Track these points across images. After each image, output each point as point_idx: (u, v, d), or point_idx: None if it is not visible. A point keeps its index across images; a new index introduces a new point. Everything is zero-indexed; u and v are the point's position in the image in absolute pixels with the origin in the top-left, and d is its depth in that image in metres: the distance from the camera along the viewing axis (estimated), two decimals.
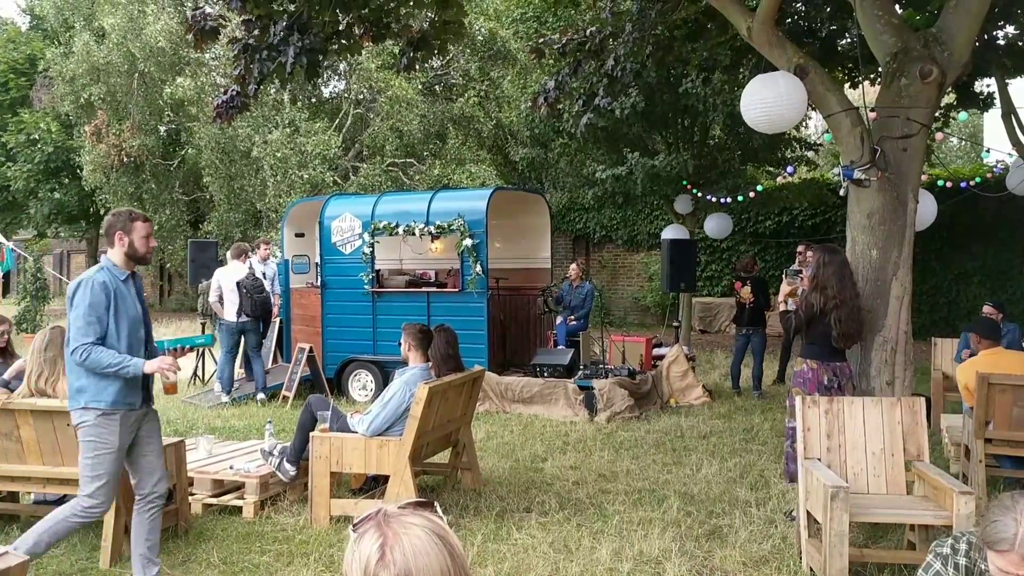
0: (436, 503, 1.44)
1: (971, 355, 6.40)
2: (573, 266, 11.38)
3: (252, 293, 9.46)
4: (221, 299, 9.65)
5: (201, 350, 11.27)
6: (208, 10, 6.62)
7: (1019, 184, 9.66)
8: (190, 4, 19.80)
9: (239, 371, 10.25)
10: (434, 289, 10.09)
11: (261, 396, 9.34)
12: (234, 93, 6.72)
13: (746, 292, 9.76)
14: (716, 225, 12.95)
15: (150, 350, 4.31)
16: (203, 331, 11.53)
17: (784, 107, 5.67)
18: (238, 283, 9.46)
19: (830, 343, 5.34)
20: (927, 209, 6.63)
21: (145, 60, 19.35)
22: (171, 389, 4.28)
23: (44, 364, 4.79)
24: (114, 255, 4.18)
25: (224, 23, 6.68)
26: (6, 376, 5.55)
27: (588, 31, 8.75)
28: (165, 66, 19.47)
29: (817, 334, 5.37)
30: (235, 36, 6.73)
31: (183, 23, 18.95)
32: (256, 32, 6.53)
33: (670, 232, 12.80)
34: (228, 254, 10.26)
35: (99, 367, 3.99)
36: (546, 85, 9.14)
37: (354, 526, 1.39)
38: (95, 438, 4.06)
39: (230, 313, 9.58)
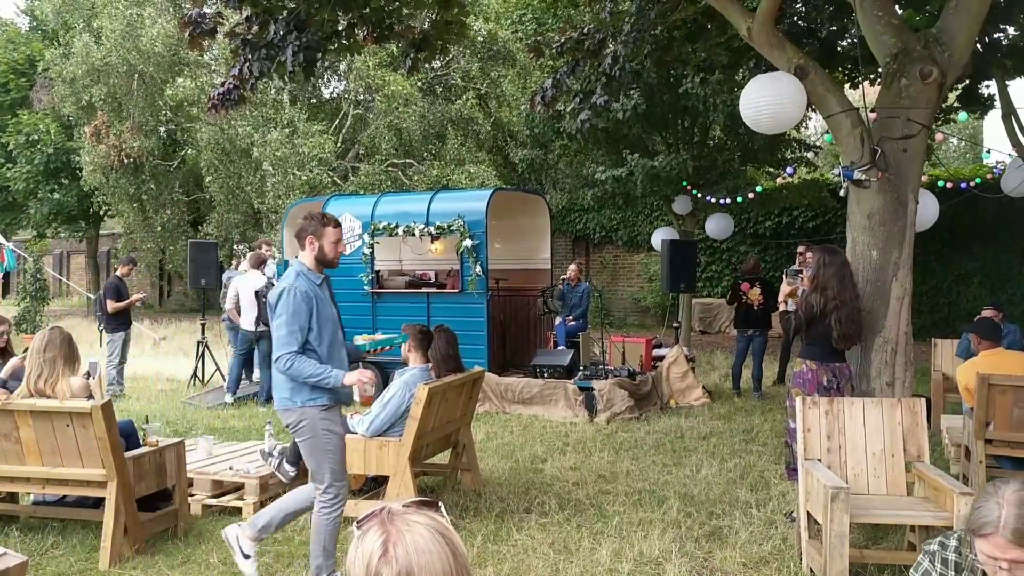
0: (440, 502, 1.44)
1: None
2: (572, 266, 11.39)
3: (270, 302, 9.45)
4: (238, 307, 9.68)
5: (201, 350, 11.26)
6: (205, 10, 6.61)
7: (1016, 187, 9.66)
8: (188, 4, 19.79)
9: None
10: (434, 290, 10.09)
11: (262, 410, 9.32)
12: (231, 86, 6.71)
13: (755, 294, 9.76)
14: (717, 226, 12.95)
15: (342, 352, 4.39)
16: (203, 331, 11.51)
17: (784, 107, 5.68)
18: (257, 292, 9.46)
19: (830, 344, 5.34)
20: (929, 210, 6.63)
21: (144, 63, 19.35)
22: (368, 401, 4.38)
23: (44, 364, 4.78)
24: (305, 259, 4.25)
25: (221, 21, 6.66)
26: (1, 375, 5.54)
27: (586, 29, 8.75)
28: (164, 67, 19.46)
29: (817, 335, 5.37)
30: (234, 31, 6.70)
31: (180, 25, 19.00)
32: (255, 29, 6.52)
33: (661, 234, 12.80)
34: (245, 262, 10.25)
35: (301, 377, 4.07)
36: (544, 85, 9.14)
37: (358, 523, 1.39)
38: (320, 431, 4.15)
39: (247, 322, 9.59)
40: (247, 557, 4.32)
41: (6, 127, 24.03)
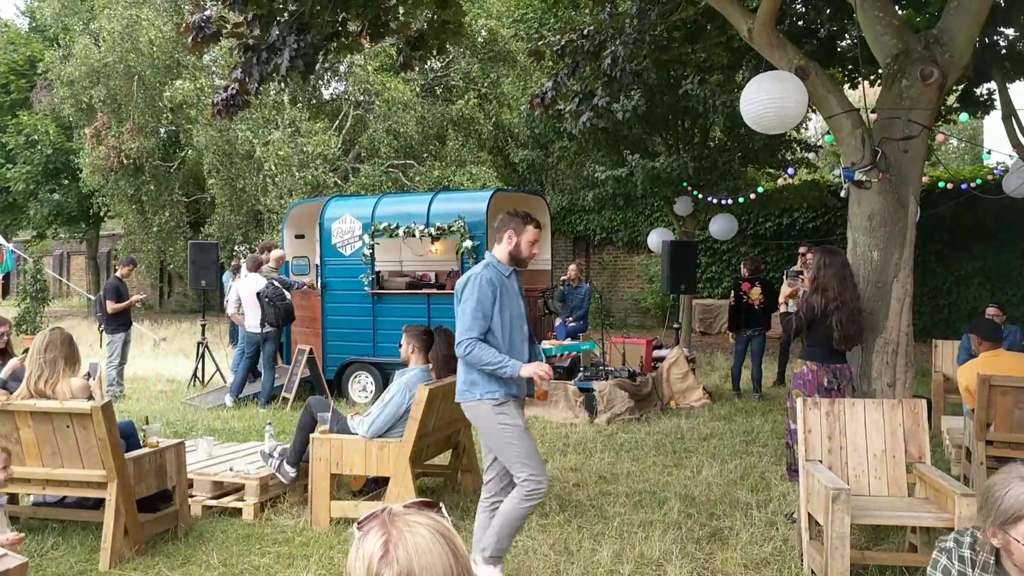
0: (441, 503, 1.43)
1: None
2: (572, 267, 11.38)
3: (275, 301, 9.45)
4: (240, 311, 9.69)
5: (201, 351, 11.26)
6: (208, 13, 6.62)
7: (1017, 187, 9.66)
8: (188, 7, 19.80)
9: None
10: (434, 291, 10.09)
11: (263, 411, 9.32)
12: (234, 91, 6.71)
13: (756, 294, 9.76)
14: (721, 226, 12.95)
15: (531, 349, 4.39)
16: (203, 332, 11.51)
17: (785, 106, 5.67)
18: (259, 293, 9.46)
19: (830, 345, 5.33)
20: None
21: (142, 65, 19.37)
22: (543, 396, 4.46)
23: (44, 365, 4.78)
24: (499, 252, 4.29)
25: (224, 25, 6.66)
26: (1, 376, 5.54)
27: (586, 31, 8.75)
28: (162, 70, 19.48)
29: (817, 336, 5.37)
30: (236, 33, 6.71)
31: (178, 26, 18.99)
32: (256, 32, 6.52)
33: (657, 236, 12.80)
34: (243, 266, 10.24)
35: (479, 363, 4.09)
36: (544, 86, 9.15)
37: (359, 524, 1.39)
38: (498, 425, 4.16)
39: (252, 324, 9.59)
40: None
41: (6, 128, 24.04)
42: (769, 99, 5.66)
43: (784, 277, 10.85)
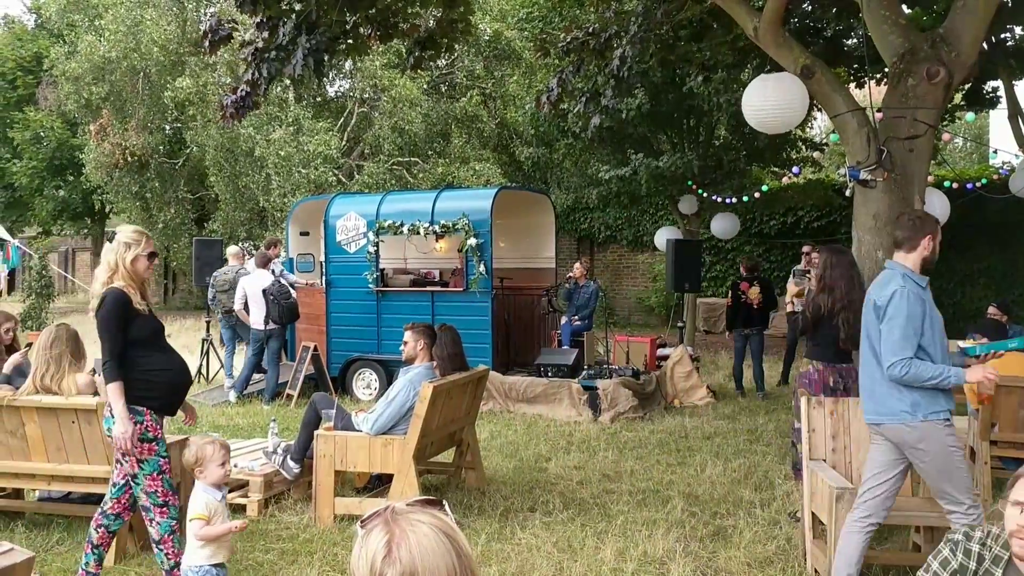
0: (445, 501, 1.44)
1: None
2: (577, 265, 11.37)
3: (279, 299, 9.45)
4: (246, 307, 9.69)
5: (206, 348, 11.28)
6: (213, 10, 6.64)
7: (1023, 187, 9.63)
8: (191, 5, 19.82)
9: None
10: (438, 288, 10.09)
11: (267, 408, 9.34)
12: (244, 93, 6.73)
13: (755, 293, 9.75)
14: (723, 225, 12.94)
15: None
16: (207, 329, 11.52)
17: (784, 108, 5.67)
18: (264, 291, 9.46)
19: (836, 345, 5.33)
20: (936, 210, 6.62)
21: (145, 63, 19.40)
22: (987, 399, 4.26)
23: (50, 361, 4.80)
24: (910, 260, 3.93)
25: (236, 28, 6.69)
26: (5, 371, 5.56)
27: (592, 28, 8.75)
28: (166, 68, 19.51)
29: (824, 336, 5.36)
30: (246, 39, 6.75)
31: (184, 23, 19.02)
32: (265, 34, 6.54)
33: (664, 234, 12.79)
34: (251, 262, 10.24)
35: (919, 381, 3.73)
36: (549, 85, 9.15)
37: (362, 523, 1.39)
38: (952, 447, 3.77)
39: (257, 321, 9.59)
40: None
41: (13, 124, 24.10)
42: (770, 101, 5.66)
43: (791, 276, 10.85)
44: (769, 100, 5.65)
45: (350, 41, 6.90)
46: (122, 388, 3.87)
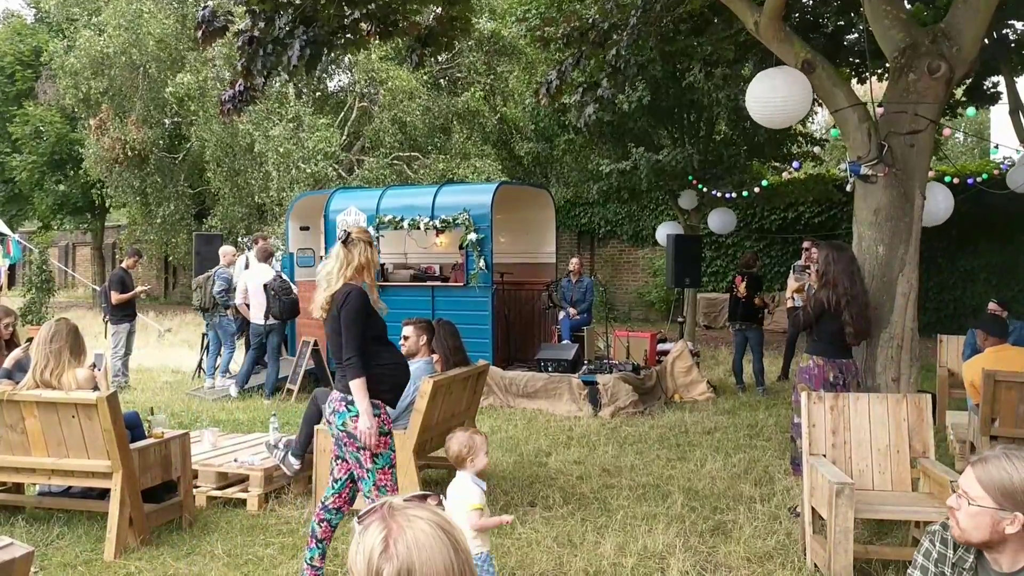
0: (442, 496, 1.43)
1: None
2: (574, 260, 11.37)
3: (280, 295, 9.44)
4: (247, 301, 9.70)
5: (206, 342, 11.27)
6: (210, 4, 6.62)
7: (1022, 183, 9.61)
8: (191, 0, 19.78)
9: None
10: (438, 283, 10.09)
11: (267, 402, 9.35)
12: (241, 88, 6.71)
13: (743, 287, 9.77)
14: (719, 220, 12.93)
15: None
16: (208, 325, 11.50)
17: (788, 102, 5.65)
18: (265, 285, 9.45)
19: (837, 340, 5.33)
20: (940, 205, 6.60)
21: (144, 58, 19.37)
22: None
23: (50, 356, 4.80)
24: None
25: (232, 19, 6.66)
26: (5, 366, 5.56)
27: (592, 20, 8.72)
28: (165, 63, 19.48)
29: (825, 331, 5.36)
30: (240, 28, 6.71)
31: (183, 18, 18.98)
32: (261, 24, 6.52)
33: (665, 229, 12.79)
34: (252, 256, 10.25)
35: None
36: (548, 76, 9.14)
37: (359, 518, 1.39)
38: None
39: (257, 316, 9.59)
40: None
41: (13, 118, 24.07)
42: (772, 96, 5.64)
43: (791, 272, 10.84)
44: (777, 92, 5.62)
45: (349, 36, 6.88)
46: (366, 384, 3.90)
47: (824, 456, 4.67)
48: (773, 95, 5.63)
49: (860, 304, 5.26)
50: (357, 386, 3.88)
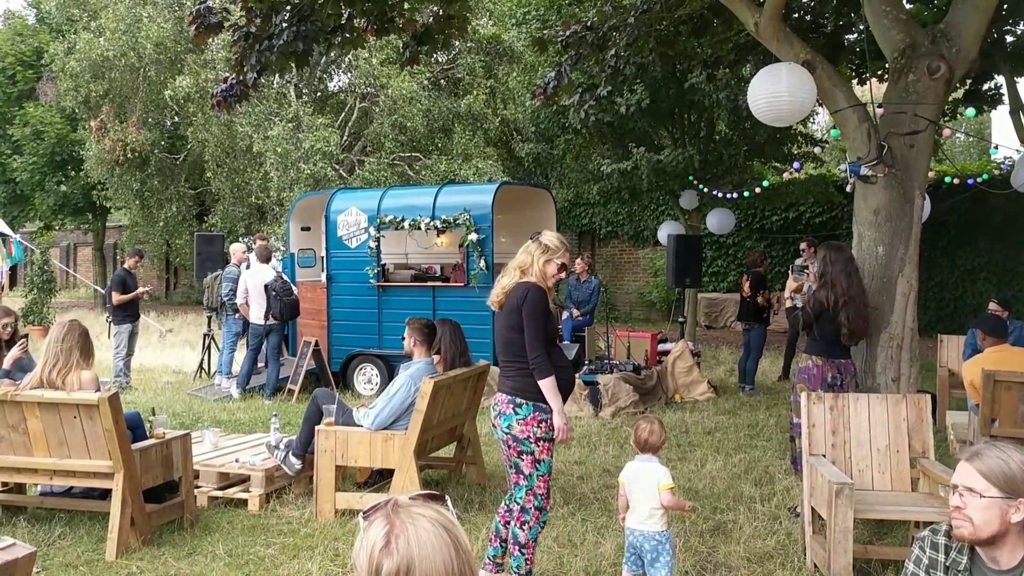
0: (447, 496, 1.45)
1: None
2: (579, 261, 11.37)
3: (281, 295, 9.44)
4: (247, 301, 9.71)
5: (207, 343, 11.29)
6: (210, 3, 6.61)
7: None
8: (189, 2, 19.78)
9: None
10: (439, 283, 10.10)
11: (268, 403, 9.36)
12: (233, 82, 6.71)
13: (746, 287, 9.81)
14: (718, 221, 12.94)
15: None
16: (209, 325, 11.53)
17: (792, 99, 5.63)
18: (266, 286, 9.46)
19: (836, 340, 5.34)
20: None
21: (144, 60, 19.39)
22: None
23: (60, 354, 4.81)
24: None
25: (228, 16, 6.67)
26: (5, 365, 5.57)
27: (590, 23, 8.73)
28: (165, 65, 19.49)
29: (824, 331, 5.37)
30: (237, 24, 6.71)
31: (180, 20, 18.99)
32: (258, 21, 6.52)
33: (667, 229, 12.79)
34: (253, 256, 10.27)
35: None
36: (547, 77, 9.15)
37: (364, 513, 1.41)
38: None
39: (257, 315, 9.60)
40: None
41: (14, 119, 24.08)
42: (775, 93, 5.63)
43: (790, 271, 10.85)
44: (775, 91, 5.60)
45: (346, 35, 6.88)
46: (556, 381, 3.88)
47: (824, 456, 4.68)
48: (778, 88, 5.59)
49: (858, 304, 5.27)
50: (548, 385, 3.86)
